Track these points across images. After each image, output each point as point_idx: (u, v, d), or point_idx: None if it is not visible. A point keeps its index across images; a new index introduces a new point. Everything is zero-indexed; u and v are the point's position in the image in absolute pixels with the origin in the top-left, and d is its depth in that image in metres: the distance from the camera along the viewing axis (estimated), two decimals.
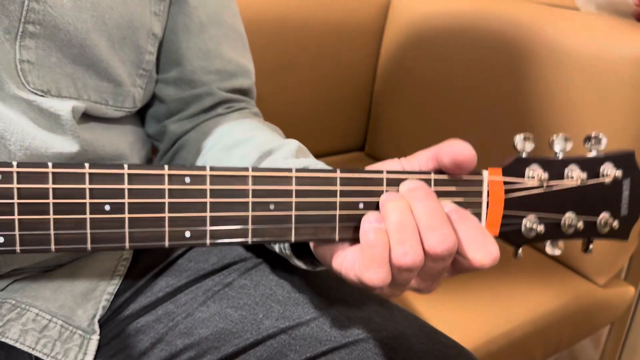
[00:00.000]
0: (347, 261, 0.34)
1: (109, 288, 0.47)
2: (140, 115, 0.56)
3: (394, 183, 0.34)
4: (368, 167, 0.36)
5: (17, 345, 0.40)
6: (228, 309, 0.45)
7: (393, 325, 0.45)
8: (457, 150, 0.33)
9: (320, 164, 0.44)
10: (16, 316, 0.41)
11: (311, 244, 0.38)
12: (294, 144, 0.48)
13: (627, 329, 0.92)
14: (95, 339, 0.44)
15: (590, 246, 0.39)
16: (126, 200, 0.31)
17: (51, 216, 0.30)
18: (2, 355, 0.42)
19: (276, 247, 0.43)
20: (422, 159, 0.35)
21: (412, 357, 0.42)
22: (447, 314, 0.69)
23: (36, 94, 0.39)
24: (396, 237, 0.31)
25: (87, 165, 0.30)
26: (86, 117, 0.45)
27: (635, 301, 0.90)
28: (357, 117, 1.04)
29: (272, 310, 0.45)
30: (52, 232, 0.30)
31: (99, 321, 0.45)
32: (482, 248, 0.32)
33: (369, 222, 0.32)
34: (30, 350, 0.41)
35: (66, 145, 0.41)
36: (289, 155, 0.46)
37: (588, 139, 0.38)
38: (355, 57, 0.98)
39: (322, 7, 0.90)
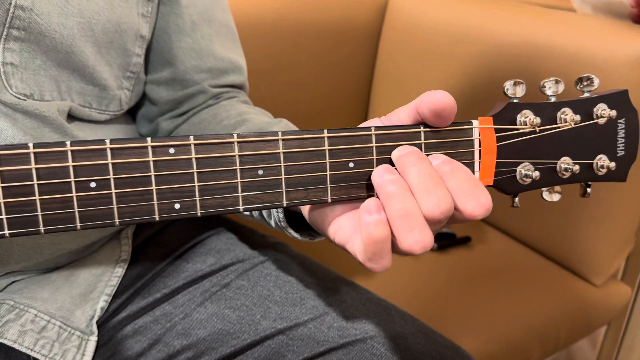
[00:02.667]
0: (341, 232, 0.34)
1: (107, 289, 0.46)
2: (131, 115, 0.56)
3: (383, 139, 0.34)
4: None
5: (16, 346, 0.40)
6: (226, 310, 0.45)
7: (391, 326, 0.44)
8: (435, 99, 0.32)
9: None
10: (15, 317, 0.41)
11: (305, 212, 0.38)
12: (282, 121, 0.48)
13: (623, 329, 0.92)
14: (93, 340, 0.43)
15: (588, 190, 0.39)
16: (111, 176, 0.30)
17: (37, 197, 0.29)
18: (1, 356, 0.42)
19: (272, 221, 0.43)
20: (402, 115, 0.35)
21: (410, 358, 0.42)
22: (444, 315, 0.69)
23: (19, 98, 0.39)
24: (404, 226, 0.30)
25: (68, 142, 0.29)
26: (73, 117, 0.44)
27: (632, 301, 0.89)
28: (354, 118, 1.04)
29: (269, 311, 0.45)
30: (39, 213, 0.30)
31: (97, 322, 0.44)
32: (474, 199, 0.31)
33: (368, 213, 0.30)
34: (28, 351, 0.41)
35: None
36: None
37: (580, 80, 0.37)
38: (353, 58, 0.97)
39: (319, 8, 0.89)
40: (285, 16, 0.86)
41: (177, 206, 0.31)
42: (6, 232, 0.30)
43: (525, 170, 0.36)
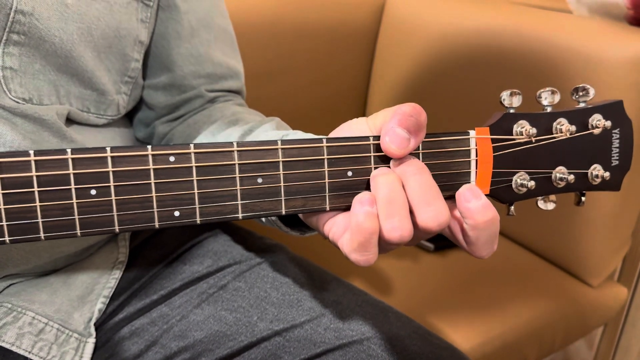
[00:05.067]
0: (335, 228, 0.34)
1: (104, 291, 0.47)
2: (128, 119, 0.56)
3: (382, 149, 0.34)
4: (333, 133, 0.36)
5: (14, 349, 0.40)
6: (222, 312, 0.46)
7: (387, 327, 0.45)
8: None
9: (299, 134, 0.44)
10: (12, 320, 0.41)
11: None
12: (274, 120, 0.48)
13: (620, 330, 0.92)
14: (91, 342, 0.43)
15: (583, 199, 0.39)
16: (111, 184, 0.30)
17: (37, 204, 0.30)
18: None
19: (263, 218, 0.43)
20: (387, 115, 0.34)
21: (406, 359, 0.43)
22: (441, 316, 0.69)
23: (18, 102, 0.39)
24: (385, 211, 0.31)
25: (69, 150, 0.30)
26: (71, 120, 0.44)
27: (629, 302, 0.90)
28: (351, 119, 1.04)
29: (266, 313, 0.45)
30: (39, 220, 0.30)
31: (94, 324, 0.45)
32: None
33: (360, 204, 0.31)
34: (26, 354, 0.41)
35: (55, 147, 0.41)
36: (269, 129, 0.46)
37: (575, 90, 0.38)
38: (350, 59, 0.97)
39: (317, 9, 0.89)
40: (282, 18, 0.85)
41: (176, 214, 0.32)
42: (6, 238, 0.30)
43: (521, 179, 0.36)
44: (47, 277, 0.46)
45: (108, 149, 0.30)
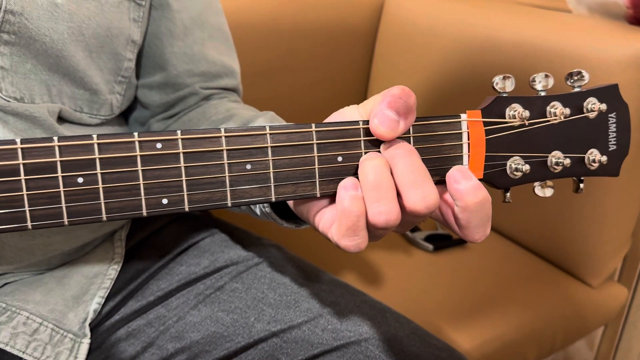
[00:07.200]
0: (324, 220, 0.34)
1: (100, 292, 0.46)
2: (124, 118, 0.56)
3: (371, 133, 0.33)
4: (325, 120, 0.35)
5: (7, 348, 0.40)
6: (219, 313, 0.45)
7: (385, 328, 0.44)
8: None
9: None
10: (6, 319, 0.41)
11: (291, 203, 0.38)
12: (269, 113, 0.48)
13: (620, 330, 0.91)
14: (86, 342, 0.43)
15: (581, 185, 0.38)
16: (98, 171, 0.30)
17: (24, 193, 0.29)
18: None
19: (257, 210, 0.43)
20: (376, 99, 0.34)
21: None
22: (440, 317, 0.68)
23: (8, 101, 0.39)
24: (371, 196, 0.31)
25: (55, 138, 0.29)
26: (64, 119, 0.44)
27: (629, 302, 0.89)
28: None
29: (263, 314, 0.45)
30: (26, 209, 0.30)
31: (90, 325, 0.44)
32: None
33: (345, 189, 0.31)
34: (20, 354, 0.40)
35: None
36: (263, 122, 0.46)
37: (570, 75, 0.37)
38: (349, 59, 0.97)
39: (315, 9, 0.89)
40: (281, 18, 0.85)
41: (164, 201, 0.31)
42: None
43: (516, 164, 0.36)
44: (42, 277, 0.45)
45: (94, 136, 0.30)
